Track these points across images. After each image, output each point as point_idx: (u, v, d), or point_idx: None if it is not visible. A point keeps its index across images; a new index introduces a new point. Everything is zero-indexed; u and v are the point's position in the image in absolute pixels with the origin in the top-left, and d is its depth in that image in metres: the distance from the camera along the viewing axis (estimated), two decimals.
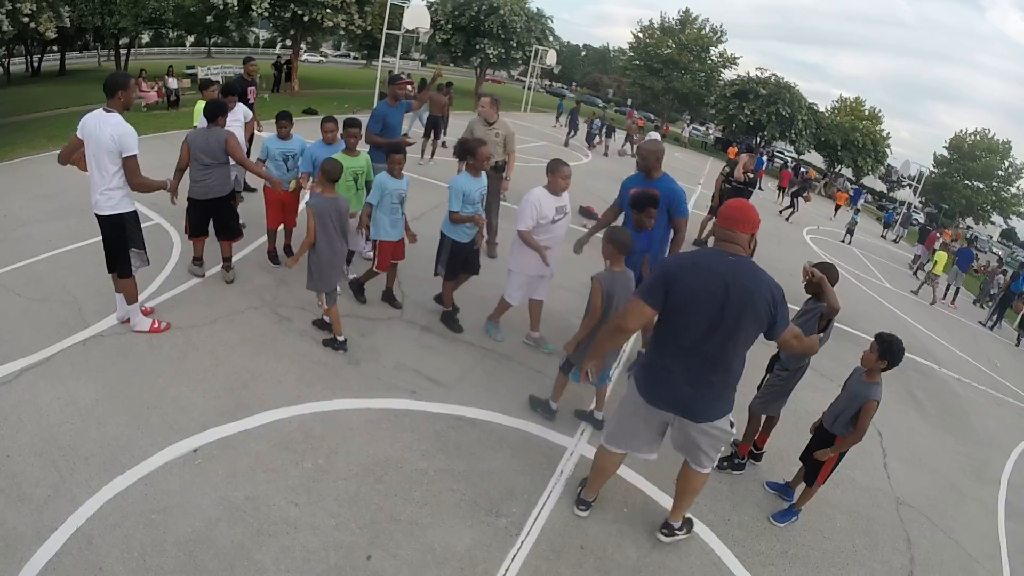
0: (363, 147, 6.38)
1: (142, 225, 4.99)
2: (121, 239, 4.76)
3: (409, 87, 7.52)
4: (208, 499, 3.57)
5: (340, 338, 5.36)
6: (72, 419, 3.99)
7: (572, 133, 24.19)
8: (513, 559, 3.60)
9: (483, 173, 5.68)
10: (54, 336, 4.83)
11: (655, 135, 27.45)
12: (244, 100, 8.88)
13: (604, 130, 25.11)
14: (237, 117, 7.28)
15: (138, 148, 4.55)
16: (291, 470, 3.90)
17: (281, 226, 6.81)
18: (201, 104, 7.14)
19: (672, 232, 5.49)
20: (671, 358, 3.25)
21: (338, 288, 5.37)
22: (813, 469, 4.44)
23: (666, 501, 4.34)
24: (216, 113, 5.74)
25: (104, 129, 4.39)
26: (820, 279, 4.33)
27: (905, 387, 8.16)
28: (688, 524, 4.06)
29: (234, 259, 6.38)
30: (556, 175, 5.30)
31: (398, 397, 4.90)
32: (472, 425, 4.76)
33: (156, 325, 5.15)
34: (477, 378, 5.42)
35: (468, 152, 5.57)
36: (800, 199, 20.77)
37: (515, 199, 10.92)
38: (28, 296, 5.39)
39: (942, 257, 16.79)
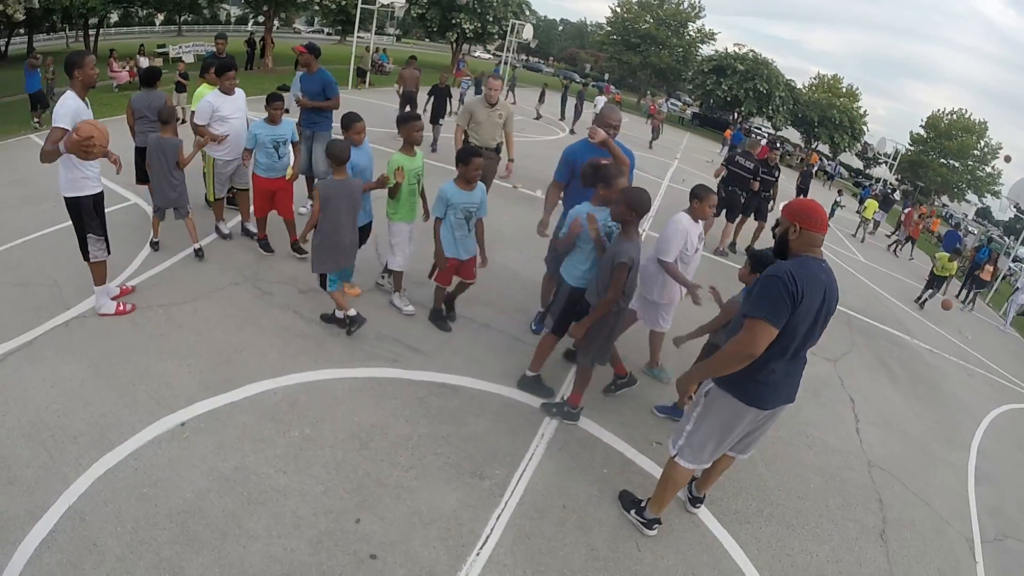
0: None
1: (119, 206, 4.94)
2: (78, 223, 4.71)
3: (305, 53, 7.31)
4: (198, 471, 3.61)
5: (155, 240, 6.20)
6: (59, 400, 3.99)
7: (575, 119, 23.28)
8: (498, 519, 3.70)
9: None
10: (36, 319, 4.81)
11: (602, 99, 27.12)
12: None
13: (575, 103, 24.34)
14: (240, 107, 6.42)
15: (65, 123, 4.23)
16: (278, 440, 3.96)
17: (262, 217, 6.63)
18: (203, 87, 6.84)
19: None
20: (775, 362, 3.17)
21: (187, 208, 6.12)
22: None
23: (643, 461, 4.53)
24: (153, 79, 6.64)
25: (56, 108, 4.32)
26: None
27: (877, 356, 8.38)
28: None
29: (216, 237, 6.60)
30: (704, 202, 5.00)
31: (380, 366, 4.97)
32: (454, 391, 4.85)
33: (121, 308, 5.07)
34: (457, 346, 5.49)
35: (605, 181, 4.59)
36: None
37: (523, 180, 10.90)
38: (7, 281, 5.35)
39: (872, 204, 21.13)
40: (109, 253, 4.94)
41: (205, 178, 6.62)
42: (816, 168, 25.37)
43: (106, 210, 4.89)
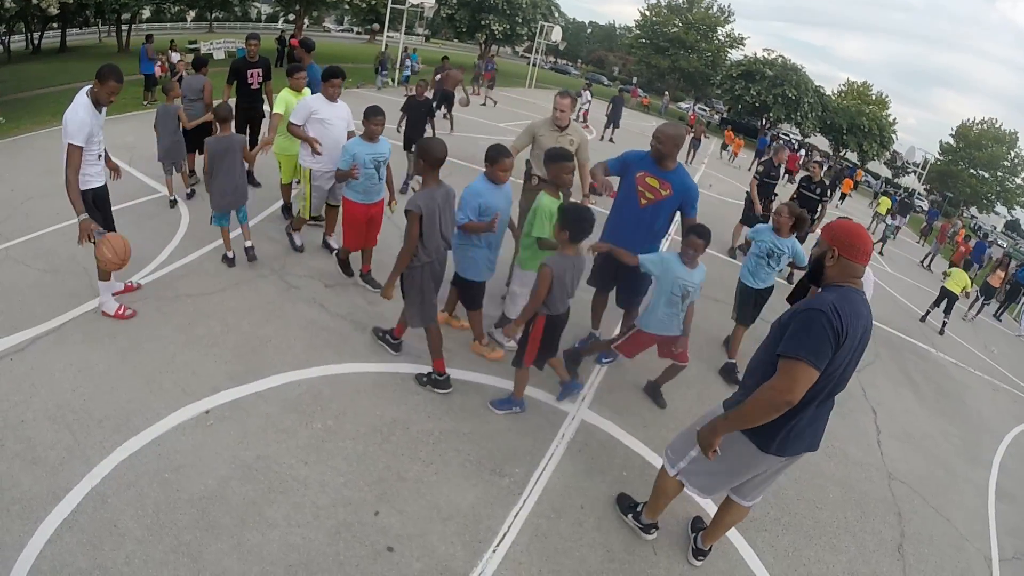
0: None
1: (149, 197, 4.96)
2: None
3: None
4: (220, 458, 3.67)
5: (172, 199, 7.16)
6: (85, 384, 4.07)
7: (612, 128, 21.20)
8: (515, 517, 3.71)
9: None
10: (65, 305, 4.92)
11: (587, 93, 23.97)
12: (244, 84, 8.07)
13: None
14: (342, 115, 6.01)
15: (79, 140, 4.29)
16: (300, 431, 4.00)
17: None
18: (285, 91, 6.45)
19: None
20: (805, 408, 2.80)
21: (182, 163, 7.32)
22: (519, 352, 4.40)
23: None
24: (200, 65, 8.16)
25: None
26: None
27: (901, 368, 8.26)
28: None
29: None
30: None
31: (404, 361, 4.99)
32: (477, 389, 4.86)
33: (121, 311, 4.89)
34: None
35: (801, 224, 5.31)
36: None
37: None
38: (38, 268, 5.48)
39: (885, 201, 21.74)
40: None
41: (301, 194, 6.25)
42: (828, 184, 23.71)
43: (136, 201, 4.96)
